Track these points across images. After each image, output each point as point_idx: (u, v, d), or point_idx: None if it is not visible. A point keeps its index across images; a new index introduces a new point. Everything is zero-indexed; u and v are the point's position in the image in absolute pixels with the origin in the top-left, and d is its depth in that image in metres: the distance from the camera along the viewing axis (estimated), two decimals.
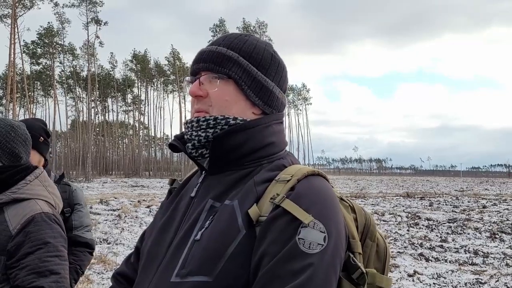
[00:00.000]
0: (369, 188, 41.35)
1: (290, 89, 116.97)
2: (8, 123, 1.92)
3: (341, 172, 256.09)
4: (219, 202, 1.10)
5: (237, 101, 1.17)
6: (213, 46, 1.20)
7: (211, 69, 1.17)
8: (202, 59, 1.19)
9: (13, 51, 54.27)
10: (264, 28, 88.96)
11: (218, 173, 1.16)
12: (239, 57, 1.17)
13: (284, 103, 1.27)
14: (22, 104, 78.10)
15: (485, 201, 22.72)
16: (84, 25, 70.38)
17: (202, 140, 1.15)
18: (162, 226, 1.21)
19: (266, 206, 1.02)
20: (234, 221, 1.03)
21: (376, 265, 1.16)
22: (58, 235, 1.81)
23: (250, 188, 1.08)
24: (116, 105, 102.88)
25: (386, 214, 16.56)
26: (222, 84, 1.16)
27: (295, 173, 1.07)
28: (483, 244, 10.72)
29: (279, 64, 1.24)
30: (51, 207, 1.90)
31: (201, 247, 1.03)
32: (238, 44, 1.19)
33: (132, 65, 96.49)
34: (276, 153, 1.18)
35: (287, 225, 0.98)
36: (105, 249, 9.43)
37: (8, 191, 1.83)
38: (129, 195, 26.99)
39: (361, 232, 1.15)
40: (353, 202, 1.21)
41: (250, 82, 1.17)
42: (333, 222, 1.01)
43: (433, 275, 7.75)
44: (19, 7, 56.80)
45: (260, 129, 1.16)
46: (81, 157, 75.87)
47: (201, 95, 1.17)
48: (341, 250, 1.01)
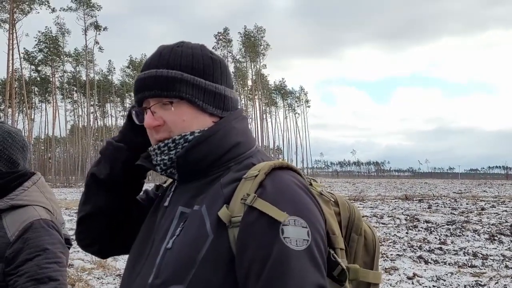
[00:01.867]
0: (367, 191, 41.29)
1: (288, 93, 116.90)
2: (5, 129, 1.91)
3: (339, 175, 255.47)
4: (189, 208, 1.10)
5: (194, 118, 1.15)
6: (152, 71, 1.14)
7: (158, 95, 1.13)
8: (146, 87, 1.14)
9: (11, 57, 54.24)
10: (262, 33, 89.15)
11: (188, 181, 1.16)
12: (182, 74, 1.13)
13: (236, 99, 1.24)
14: (21, 110, 77.97)
15: (483, 203, 22.68)
16: (82, 31, 70.47)
17: (167, 163, 1.15)
18: (143, 235, 1.22)
19: (238, 207, 1.01)
20: (202, 226, 1.03)
21: (365, 259, 1.15)
22: (56, 241, 1.81)
23: (217, 190, 1.08)
24: (115, 110, 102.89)
25: (385, 217, 16.55)
26: (176, 107, 1.13)
27: (262, 167, 1.05)
28: (482, 246, 10.72)
29: (220, 63, 1.21)
30: (49, 213, 1.89)
31: (173, 255, 1.04)
32: (176, 59, 1.15)
33: (129, 71, 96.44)
34: (243, 152, 1.16)
35: (267, 227, 0.97)
36: None
37: (6, 198, 1.82)
38: None
39: (345, 226, 1.15)
40: (336, 195, 1.20)
41: (203, 96, 1.14)
42: (312, 215, 1.01)
43: (433, 278, 7.75)
44: (17, 12, 56.78)
45: (220, 134, 1.14)
46: (80, 162, 75.74)
47: (159, 124, 1.14)
48: (320, 242, 1.00)
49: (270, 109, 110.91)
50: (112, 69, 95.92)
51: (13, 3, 54.92)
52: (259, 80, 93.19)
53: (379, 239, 8.26)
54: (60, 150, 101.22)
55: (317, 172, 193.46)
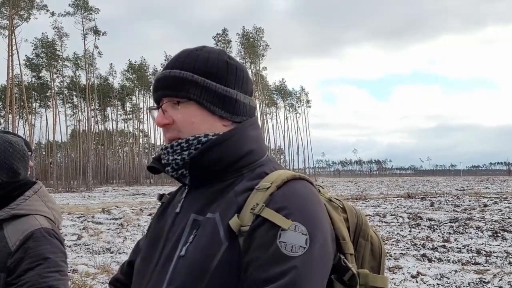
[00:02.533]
0: (369, 190, 41.31)
1: (289, 94, 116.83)
2: (6, 139, 1.92)
3: (341, 175, 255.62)
4: (201, 216, 1.10)
5: (203, 120, 1.16)
6: (167, 71, 1.18)
7: (169, 95, 1.16)
8: (160, 87, 1.18)
9: (11, 63, 54.31)
10: (261, 33, 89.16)
11: (200, 187, 1.16)
12: (193, 75, 1.15)
13: (253, 106, 1.25)
14: (21, 115, 78.07)
15: (486, 200, 22.66)
16: (81, 35, 70.47)
17: (179, 163, 1.16)
18: (151, 242, 1.22)
19: (247, 217, 1.02)
20: (216, 234, 1.03)
21: (372, 264, 1.16)
22: (57, 250, 1.80)
23: (231, 199, 1.08)
24: (115, 113, 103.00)
25: (387, 216, 16.54)
26: (184, 108, 1.15)
27: (274, 180, 1.06)
28: (486, 243, 10.71)
29: (236, 69, 1.21)
30: (50, 222, 1.89)
31: (186, 263, 1.04)
32: (191, 62, 1.17)
33: (129, 75, 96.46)
34: (256, 160, 1.17)
35: (267, 231, 0.99)
36: (108, 259, 9.40)
37: (7, 208, 1.82)
38: (131, 203, 26.94)
39: (353, 231, 1.15)
40: (344, 202, 1.21)
41: (212, 98, 1.15)
42: (316, 224, 1.01)
43: (437, 276, 7.75)
44: (16, 18, 56.85)
45: (235, 139, 1.15)
46: (82, 166, 75.77)
47: (168, 123, 1.17)
48: (327, 251, 1.01)
49: (271, 110, 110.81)
50: (113, 72, 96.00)
51: (12, 9, 55.01)
52: (259, 81, 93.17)
53: (382, 238, 8.20)
54: (61, 155, 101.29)
55: (319, 172, 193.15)
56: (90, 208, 21.85)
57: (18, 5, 55.84)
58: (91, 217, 17.37)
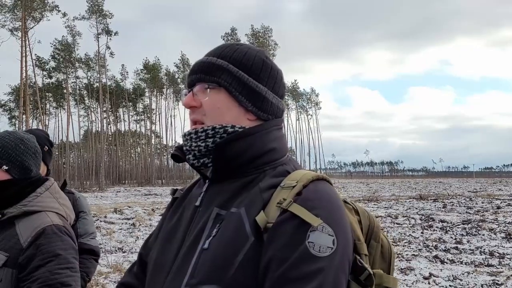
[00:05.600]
0: (381, 191, 41.07)
1: (300, 95, 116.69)
2: (17, 136, 1.92)
3: (353, 176, 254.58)
4: (224, 210, 1.09)
5: (229, 108, 1.17)
6: (205, 57, 1.22)
7: (202, 80, 1.19)
8: (194, 71, 1.21)
9: (25, 63, 54.86)
10: (270, 33, 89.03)
11: (221, 181, 1.16)
12: (228, 64, 1.18)
13: (281, 108, 1.26)
14: (35, 116, 78.77)
15: (499, 202, 22.46)
16: (95, 36, 71.06)
17: (203, 150, 1.16)
18: (167, 235, 1.22)
19: (273, 212, 1.02)
20: (242, 229, 1.03)
21: (382, 266, 1.17)
22: (69, 246, 1.81)
23: (256, 195, 1.08)
24: (127, 114, 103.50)
25: (399, 217, 16.45)
26: (213, 93, 1.17)
27: (300, 179, 1.07)
28: (499, 245, 10.62)
29: (271, 69, 1.23)
30: (62, 219, 1.90)
31: (209, 256, 1.03)
32: (229, 52, 1.20)
33: (142, 75, 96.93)
34: (278, 159, 1.18)
35: (296, 229, 0.98)
36: (121, 258, 9.48)
37: (19, 204, 1.83)
38: (143, 203, 27.06)
39: (366, 233, 1.17)
40: (356, 204, 1.22)
41: (241, 88, 1.17)
42: (341, 225, 1.02)
43: (449, 277, 7.70)
44: (29, 19, 57.41)
45: (260, 135, 1.16)
46: (94, 167, 76.31)
47: (195, 106, 1.19)
48: (349, 252, 1.03)
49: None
50: (125, 73, 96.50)
51: (25, 11, 55.54)
52: None
53: (394, 239, 8.18)
54: (74, 156, 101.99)
55: (330, 173, 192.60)
56: (103, 208, 21.99)
57: (31, 6, 56.35)
58: (103, 217, 17.48)
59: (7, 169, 1.86)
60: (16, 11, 56.51)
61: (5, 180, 1.86)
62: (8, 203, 1.83)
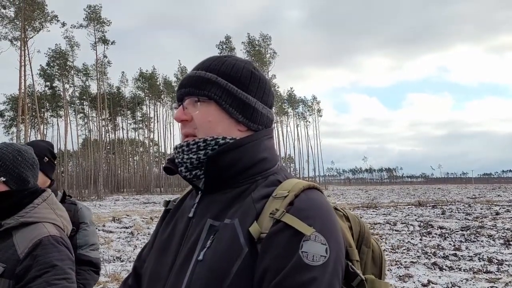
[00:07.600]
0: (380, 198, 41.05)
1: (300, 102, 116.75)
2: (15, 147, 1.94)
3: (351, 183, 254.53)
4: (218, 221, 1.10)
5: (220, 121, 1.19)
6: (193, 71, 1.23)
7: (192, 93, 1.20)
8: (184, 85, 1.22)
9: (23, 73, 54.86)
10: (268, 41, 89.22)
11: (214, 192, 1.17)
12: (217, 77, 1.19)
13: (271, 118, 1.27)
14: (33, 125, 78.67)
15: (498, 208, 22.47)
16: (92, 45, 71.15)
17: (195, 162, 1.17)
18: (162, 247, 1.23)
19: (266, 222, 1.03)
20: (236, 240, 1.04)
21: (373, 271, 1.20)
22: (65, 257, 1.82)
23: (249, 205, 1.09)
24: (126, 122, 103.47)
25: (398, 224, 16.45)
26: (204, 106, 1.19)
27: (291, 188, 1.08)
28: (497, 252, 10.63)
29: (260, 79, 1.25)
30: (59, 230, 1.91)
31: (205, 267, 1.04)
32: (217, 65, 1.22)
33: (139, 83, 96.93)
34: (269, 168, 1.19)
35: (289, 239, 0.99)
36: (119, 267, 9.46)
37: (16, 215, 1.84)
38: (141, 212, 27.00)
39: (357, 239, 1.19)
40: (346, 210, 1.24)
41: (231, 101, 1.18)
42: (333, 233, 1.03)
43: (448, 284, 7.69)
44: (29, 29, 57.50)
45: (251, 146, 1.17)
46: (93, 175, 76.13)
47: (186, 119, 1.20)
48: (342, 259, 1.04)
49: (281, 118, 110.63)
50: (125, 81, 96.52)
51: (25, 21, 55.64)
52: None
53: (393, 246, 8.17)
54: (72, 164, 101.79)
55: (329, 180, 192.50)
56: (101, 217, 21.94)
57: (31, 16, 56.45)
58: (101, 225, 17.44)
59: (5, 180, 1.88)
60: (16, 21, 56.59)
61: (3, 191, 1.87)
62: (5, 214, 1.85)
